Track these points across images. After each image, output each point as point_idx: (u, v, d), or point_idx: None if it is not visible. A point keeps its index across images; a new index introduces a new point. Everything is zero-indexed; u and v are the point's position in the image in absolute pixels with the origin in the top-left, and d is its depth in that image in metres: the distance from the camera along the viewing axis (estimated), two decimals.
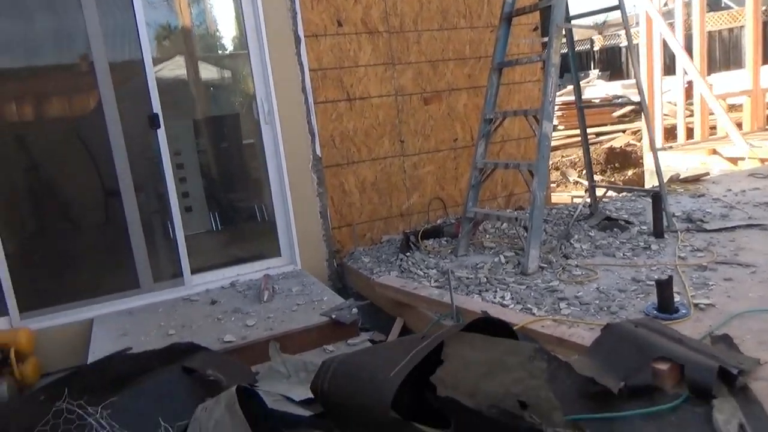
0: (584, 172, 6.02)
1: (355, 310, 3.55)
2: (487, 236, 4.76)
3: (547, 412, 1.76)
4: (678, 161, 8.49)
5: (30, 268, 4.15)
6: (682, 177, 6.18)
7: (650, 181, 8.57)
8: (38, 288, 4.13)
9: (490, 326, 1.81)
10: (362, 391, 1.55)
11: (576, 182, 5.88)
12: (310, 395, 2.69)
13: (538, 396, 1.77)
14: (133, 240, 4.30)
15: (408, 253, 4.49)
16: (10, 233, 4.06)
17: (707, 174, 6.27)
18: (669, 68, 10.03)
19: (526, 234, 3.93)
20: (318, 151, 4.73)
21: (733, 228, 4.27)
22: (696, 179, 6.12)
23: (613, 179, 9.75)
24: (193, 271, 4.48)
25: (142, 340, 3.49)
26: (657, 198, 4.24)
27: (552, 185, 8.63)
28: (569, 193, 8.04)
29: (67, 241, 4.42)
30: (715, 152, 8.41)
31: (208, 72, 5.15)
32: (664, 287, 2.87)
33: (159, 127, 4.25)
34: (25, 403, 3.05)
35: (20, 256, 4.10)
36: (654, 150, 4.75)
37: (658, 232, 4.23)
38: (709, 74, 10.22)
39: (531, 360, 1.77)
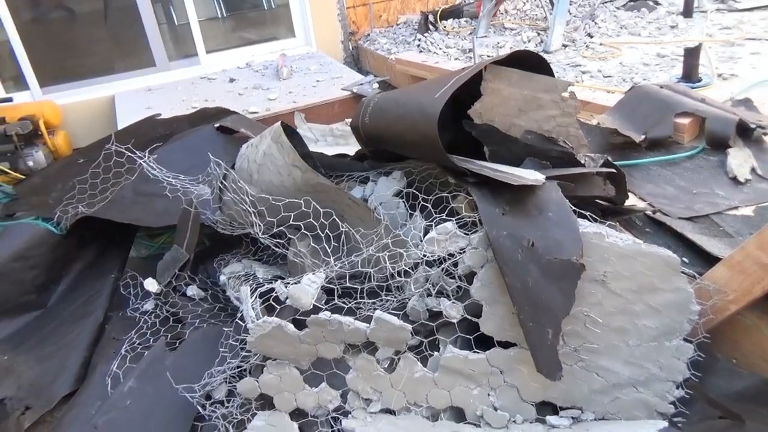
0: None
1: (376, 84, 3.56)
2: (508, 17, 4.59)
3: (577, 148, 1.87)
4: None
5: (47, 48, 4.08)
6: None
7: None
8: (56, 66, 4.11)
9: (528, 61, 1.83)
10: (408, 114, 1.62)
11: None
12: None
13: (568, 132, 1.87)
14: (145, 21, 4.17)
15: (426, 34, 4.37)
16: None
17: None
18: None
19: (551, 9, 3.78)
20: None
21: (766, 7, 4.10)
22: None
23: None
24: (208, 52, 4.40)
25: (169, 112, 3.55)
26: None
27: None
28: None
29: (78, 24, 4.28)
30: None
31: None
32: (692, 54, 2.85)
33: None
34: (64, 165, 3.21)
35: (35, 38, 4.01)
36: None
37: (687, 12, 4.07)
38: None
39: (565, 98, 1.83)
